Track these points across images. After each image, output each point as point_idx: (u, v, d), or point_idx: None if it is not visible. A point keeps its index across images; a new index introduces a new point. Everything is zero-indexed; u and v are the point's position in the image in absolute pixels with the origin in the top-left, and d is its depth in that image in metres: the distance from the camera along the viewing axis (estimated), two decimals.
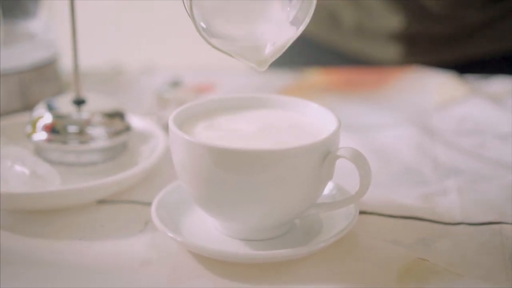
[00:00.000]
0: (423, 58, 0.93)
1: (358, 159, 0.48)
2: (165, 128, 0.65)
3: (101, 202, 0.58)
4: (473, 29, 0.94)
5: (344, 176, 0.54)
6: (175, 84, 0.80)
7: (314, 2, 0.48)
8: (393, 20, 0.93)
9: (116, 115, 0.63)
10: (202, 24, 0.48)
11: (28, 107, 0.73)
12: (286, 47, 0.50)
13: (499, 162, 0.65)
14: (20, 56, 0.75)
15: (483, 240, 0.53)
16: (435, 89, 0.82)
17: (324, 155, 0.49)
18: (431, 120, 0.75)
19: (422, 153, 0.67)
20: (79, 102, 0.63)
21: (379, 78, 0.86)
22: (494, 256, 0.51)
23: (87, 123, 0.62)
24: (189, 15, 0.47)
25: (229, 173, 0.48)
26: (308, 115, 0.54)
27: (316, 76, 0.87)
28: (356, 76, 0.88)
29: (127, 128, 0.64)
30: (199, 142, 0.49)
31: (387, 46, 0.95)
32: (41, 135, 0.62)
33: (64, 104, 0.63)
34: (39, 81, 0.76)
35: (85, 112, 0.63)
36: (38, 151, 0.63)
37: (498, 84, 0.83)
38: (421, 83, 0.84)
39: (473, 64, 0.94)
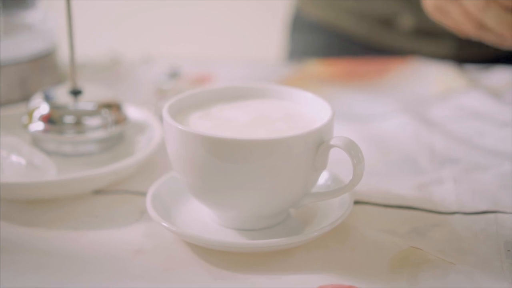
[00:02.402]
0: (477, 51, 0.93)
1: (351, 148, 0.48)
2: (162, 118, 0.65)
3: (97, 192, 0.58)
4: None
5: (344, 166, 0.54)
6: (174, 75, 0.80)
7: None
8: None
9: (113, 106, 0.63)
10: None
11: (27, 98, 0.73)
12: None
13: (496, 151, 0.65)
14: (19, 47, 0.75)
15: (478, 229, 0.53)
16: (435, 80, 0.82)
17: (317, 144, 0.49)
18: (429, 110, 0.75)
19: (420, 143, 0.67)
20: (76, 93, 0.63)
21: (379, 69, 0.86)
22: (489, 245, 0.51)
23: (84, 113, 0.62)
24: None
25: (223, 163, 0.48)
26: (302, 105, 0.54)
27: (316, 67, 0.87)
28: (357, 66, 0.88)
29: (124, 119, 0.64)
30: (193, 131, 0.49)
31: (443, 44, 0.94)
32: (37, 126, 0.62)
33: (61, 94, 0.63)
34: (38, 72, 0.76)
35: (81, 103, 0.63)
36: (35, 141, 0.63)
37: (498, 75, 0.82)
38: (420, 73, 0.84)
39: None
